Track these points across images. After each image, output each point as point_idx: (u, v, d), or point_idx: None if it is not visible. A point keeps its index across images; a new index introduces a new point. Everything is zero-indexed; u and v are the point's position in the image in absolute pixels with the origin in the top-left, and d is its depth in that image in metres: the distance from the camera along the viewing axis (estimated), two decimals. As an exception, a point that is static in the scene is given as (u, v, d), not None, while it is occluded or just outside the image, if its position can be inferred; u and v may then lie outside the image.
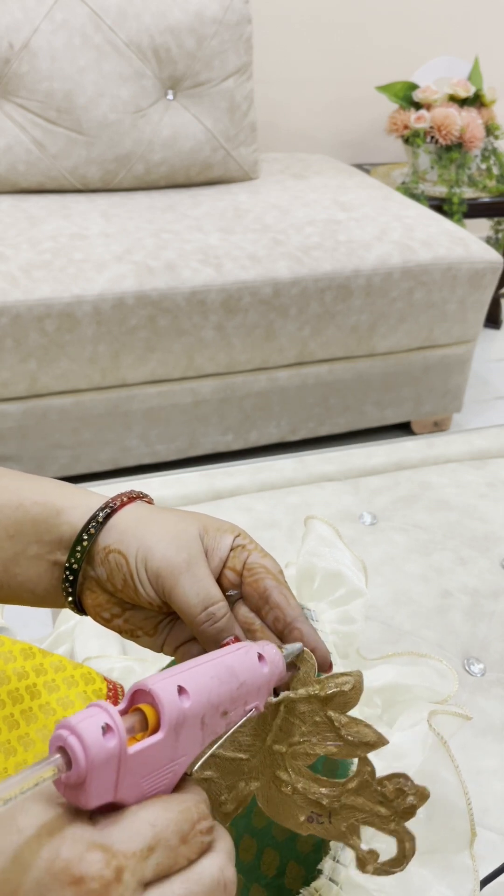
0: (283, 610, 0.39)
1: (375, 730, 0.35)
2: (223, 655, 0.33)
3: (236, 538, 0.41)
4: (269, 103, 2.29)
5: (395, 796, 0.33)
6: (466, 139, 2.00)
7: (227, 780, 0.37)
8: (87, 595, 0.41)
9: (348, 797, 0.34)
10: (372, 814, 0.34)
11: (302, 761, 0.36)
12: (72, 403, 1.51)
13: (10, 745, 0.45)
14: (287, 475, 0.98)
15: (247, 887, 0.43)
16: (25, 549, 0.41)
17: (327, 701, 0.36)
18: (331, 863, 0.41)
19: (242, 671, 0.33)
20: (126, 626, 0.41)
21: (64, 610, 0.70)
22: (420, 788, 0.33)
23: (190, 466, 1.27)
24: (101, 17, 1.73)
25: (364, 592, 0.54)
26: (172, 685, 0.29)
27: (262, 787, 0.37)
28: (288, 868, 0.42)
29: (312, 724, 0.36)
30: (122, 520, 0.40)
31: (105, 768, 0.26)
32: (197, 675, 0.31)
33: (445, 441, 1.06)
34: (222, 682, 0.31)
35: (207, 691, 0.30)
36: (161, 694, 0.29)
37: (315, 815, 0.35)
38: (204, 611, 0.38)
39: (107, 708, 0.27)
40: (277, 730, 0.37)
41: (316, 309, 1.57)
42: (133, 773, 0.27)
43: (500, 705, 0.70)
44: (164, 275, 1.46)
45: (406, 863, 0.34)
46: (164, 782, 0.29)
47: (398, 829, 0.33)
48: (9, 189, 1.78)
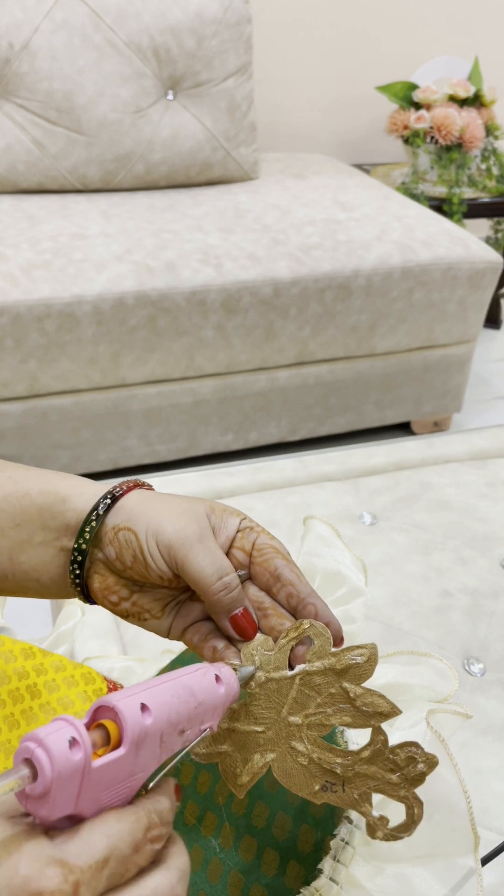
0: (296, 587, 0.40)
1: (389, 700, 0.36)
2: (183, 676, 0.34)
3: (242, 521, 0.42)
4: (269, 103, 2.29)
5: (406, 764, 0.35)
6: (466, 139, 2.00)
7: (243, 754, 0.38)
8: (95, 579, 0.41)
9: (361, 766, 0.36)
10: (383, 781, 0.35)
11: (317, 732, 0.37)
12: (72, 403, 1.51)
13: (11, 744, 0.45)
14: (287, 475, 0.98)
15: (247, 887, 0.43)
16: (31, 537, 0.41)
17: (343, 673, 0.37)
18: (331, 862, 0.41)
19: (201, 691, 0.34)
20: (133, 608, 0.41)
21: (64, 610, 0.70)
22: (429, 756, 0.35)
23: (190, 466, 1.27)
24: (101, 16, 1.73)
25: (364, 592, 0.54)
26: (136, 702, 0.30)
27: (277, 759, 0.38)
28: (288, 867, 0.42)
29: (328, 695, 0.37)
30: (128, 502, 0.41)
31: (69, 781, 0.27)
32: (159, 694, 0.32)
33: (445, 441, 1.06)
34: (182, 702, 0.32)
35: (168, 709, 0.31)
36: (124, 710, 0.29)
37: (329, 784, 0.36)
38: (219, 580, 0.39)
39: (73, 722, 0.28)
40: (293, 702, 0.38)
41: (316, 309, 1.57)
42: (94, 787, 0.28)
43: (500, 705, 0.70)
44: (164, 275, 1.46)
45: (414, 828, 0.35)
46: (121, 796, 0.30)
47: (408, 796, 0.35)
48: (9, 189, 1.78)
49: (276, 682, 0.38)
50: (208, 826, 0.46)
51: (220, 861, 0.44)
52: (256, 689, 0.39)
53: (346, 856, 0.41)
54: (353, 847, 0.41)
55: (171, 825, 0.31)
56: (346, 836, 0.41)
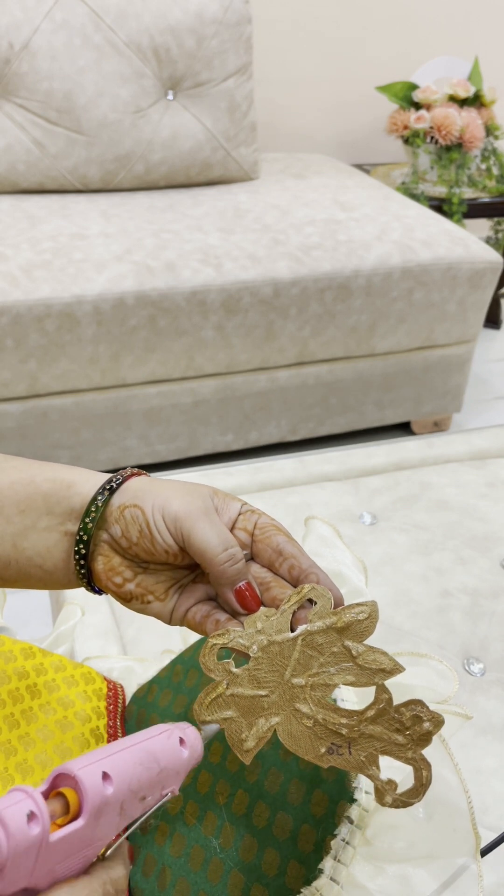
0: (297, 559, 0.40)
1: (391, 657, 0.36)
2: (146, 739, 0.33)
3: (244, 506, 0.43)
4: (269, 103, 2.29)
5: (411, 723, 0.35)
6: (466, 139, 2.00)
7: (248, 719, 0.38)
8: (99, 560, 0.42)
9: (367, 726, 0.36)
10: (389, 742, 0.35)
11: (321, 692, 0.37)
12: (72, 403, 1.51)
13: (11, 744, 0.45)
14: (287, 475, 0.98)
15: (247, 887, 0.43)
16: (36, 523, 0.42)
17: (344, 630, 0.37)
18: (332, 862, 0.41)
19: (164, 757, 0.33)
20: (137, 590, 0.42)
21: (64, 610, 0.70)
22: (435, 714, 0.34)
23: (190, 466, 1.27)
24: (101, 16, 1.73)
25: (365, 592, 0.54)
26: (97, 771, 0.29)
27: (282, 722, 0.38)
28: (289, 867, 0.42)
29: (330, 654, 0.37)
30: (133, 483, 0.42)
31: (25, 856, 0.26)
32: (121, 761, 0.31)
33: (445, 441, 1.06)
34: (144, 769, 0.32)
35: (129, 777, 0.31)
36: (85, 780, 0.29)
37: (335, 747, 0.36)
38: (225, 551, 0.39)
39: (32, 794, 0.27)
40: (296, 663, 0.38)
41: (316, 309, 1.57)
42: (50, 859, 0.27)
43: (500, 705, 0.70)
44: (164, 275, 1.46)
45: (423, 792, 0.34)
46: (77, 866, 0.29)
47: (415, 758, 0.34)
48: (9, 189, 1.78)
49: (279, 645, 0.38)
50: (208, 826, 0.46)
51: (220, 861, 0.44)
52: (259, 652, 0.39)
53: (347, 856, 0.41)
54: (353, 847, 0.41)
55: (126, 892, 0.31)
56: (347, 836, 0.41)
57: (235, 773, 0.46)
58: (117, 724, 0.53)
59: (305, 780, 0.44)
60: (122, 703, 0.55)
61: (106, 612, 0.80)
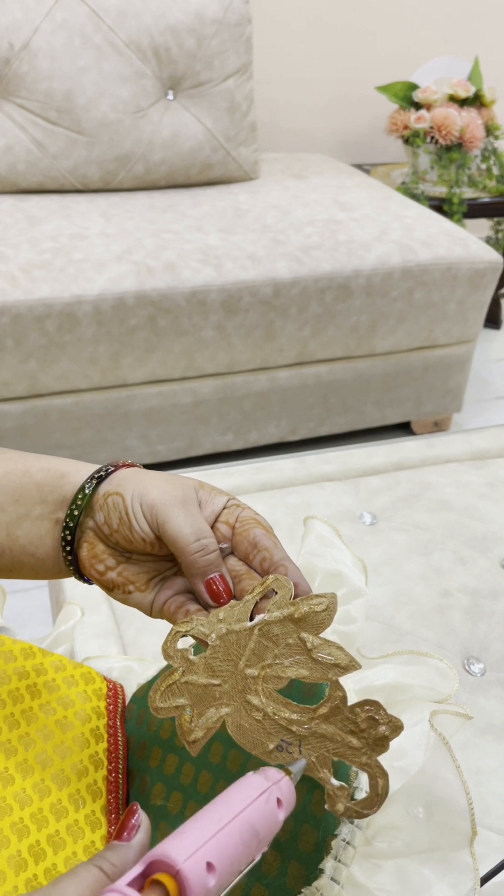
0: (270, 552, 0.40)
1: (348, 653, 0.35)
2: (246, 808, 0.30)
3: (230, 500, 0.43)
4: (269, 103, 2.29)
5: (367, 726, 0.33)
6: (466, 139, 2.00)
7: (199, 708, 0.37)
8: (84, 547, 0.42)
9: (319, 724, 0.34)
10: (343, 744, 0.33)
11: (273, 685, 0.36)
12: (72, 403, 1.51)
13: (11, 744, 0.45)
14: (287, 475, 0.98)
15: (248, 887, 0.43)
16: (29, 511, 0.43)
17: (300, 621, 0.36)
18: (332, 862, 0.41)
19: (263, 827, 0.30)
20: (119, 579, 0.42)
21: (64, 610, 0.70)
22: (392, 718, 0.33)
23: (190, 466, 1.27)
24: (101, 17, 1.73)
25: (364, 592, 0.54)
26: (202, 862, 0.27)
27: (232, 713, 0.36)
28: (289, 867, 0.42)
29: (285, 646, 0.36)
30: (121, 473, 0.43)
31: None
32: (223, 846, 0.28)
33: (445, 441, 1.06)
34: (245, 846, 0.29)
35: (231, 861, 0.28)
36: (190, 876, 0.26)
37: (284, 744, 0.35)
38: (197, 541, 0.39)
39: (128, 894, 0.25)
40: (251, 653, 0.37)
41: (316, 309, 1.57)
42: None
43: (500, 705, 0.70)
44: (164, 275, 1.46)
45: (379, 803, 0.32)
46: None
47: (370, 763, 0.33)
48: (9, 189, 1.78)
49: (236, 634, 0.37)
50: (209, 826, 0.45)
51: (220, 861, 0.44)
52: (217, 641, 0.38)
53: (348, 856, 0.41)
54: (354, 847, 0.41)
55: None
56: (348, 836, 0.41)
57: (236, 774, 0.46)
58: (117, 724, 0.53)
59: (306, 780, 0.44)
60: (121, 702, 0.55)
61: (106, 612, 0.80)
